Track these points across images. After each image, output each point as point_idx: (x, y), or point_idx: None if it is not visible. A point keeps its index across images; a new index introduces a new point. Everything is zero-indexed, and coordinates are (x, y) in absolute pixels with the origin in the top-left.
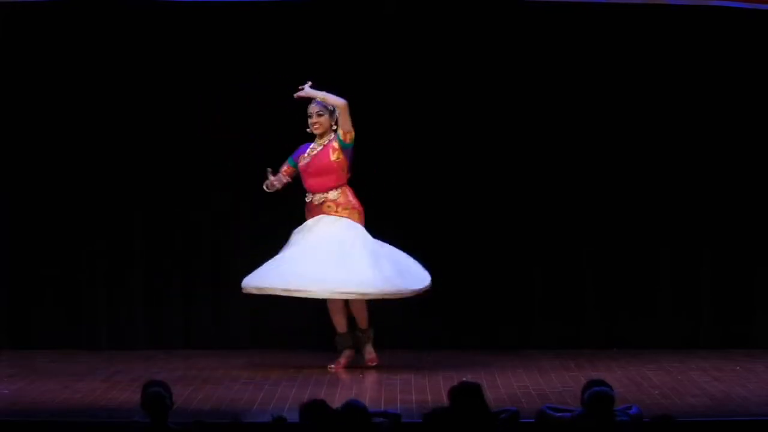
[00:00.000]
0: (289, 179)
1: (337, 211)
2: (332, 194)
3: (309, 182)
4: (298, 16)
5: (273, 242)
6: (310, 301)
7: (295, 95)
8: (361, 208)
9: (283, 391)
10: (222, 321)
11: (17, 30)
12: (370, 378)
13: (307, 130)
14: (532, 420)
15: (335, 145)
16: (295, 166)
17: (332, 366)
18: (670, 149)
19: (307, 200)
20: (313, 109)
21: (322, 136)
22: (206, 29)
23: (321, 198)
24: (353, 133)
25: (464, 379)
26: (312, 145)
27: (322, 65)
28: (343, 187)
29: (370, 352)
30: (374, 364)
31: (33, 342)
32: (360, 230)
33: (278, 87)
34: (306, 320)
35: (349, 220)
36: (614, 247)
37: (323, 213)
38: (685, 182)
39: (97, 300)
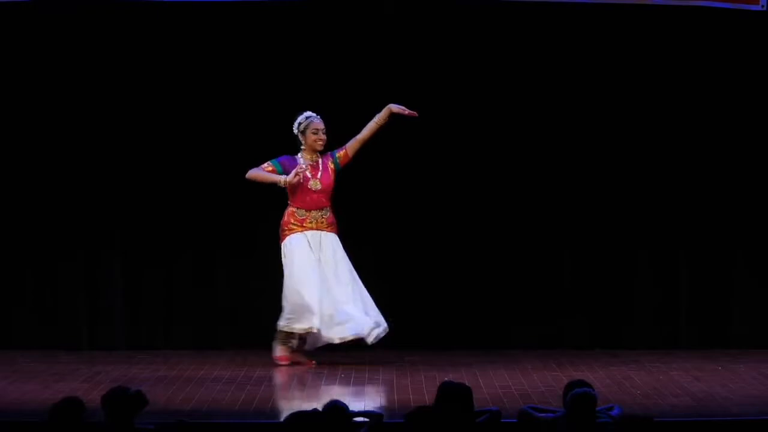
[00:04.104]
0: None
1: (326, 227)
2: (325, 211)
3: (310, 198)
4: (297, 16)
5: (253, 243)
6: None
7: (408, 113)
8: (336, 222)
9: (265, 391)
10: (203, 321)
11: (13, 30)
12: (352, 378)
13: (306, 145)
14: (514, 420)
15: (332, 166)
16: (281, 172)
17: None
18: (648, 152)
19: (300, 216)
20: (320, 125)
21: (317, 153)
22: (205, 30)
23: (318, 215)
24: None
25: (446, 378)
26: (301, 162)
27: (321, 65)
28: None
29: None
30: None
31: (13, 342)
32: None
33: (277, 87)
34: None
35: (335, 236)
36: (595, 248)
37: (316, 229)
38: (663, 185)
39: (77, 300)
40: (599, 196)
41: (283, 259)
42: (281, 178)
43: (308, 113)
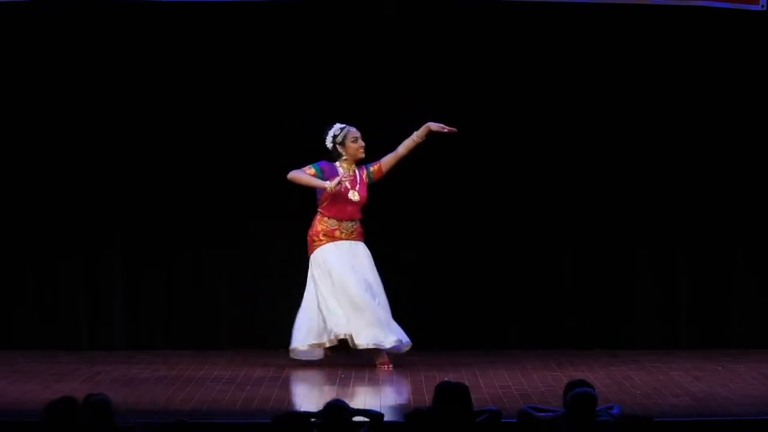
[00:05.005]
0: None
1: (356, 237)
2: (356, 222)
3: (346, 209)
4: (297, 16)
5: (253, 243)
6: (295, 302)
7: (447, 130)
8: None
9: (266, 391)
10: (203, 321)
11: (13, 30)
12: (353, 378)
13: (347, 155)
14: (514, 420)
15: (366, 179)
16: (321, 177)
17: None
18: (647, 152)
19: (331, 226)
20: (357, 133)
21: (356, 163)
22: (205, 30)
23: (350, 225)
24: None
25: (446, 378)
26: (341, 171)
27: (320, 65)
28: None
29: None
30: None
31: (13, 342)
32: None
33: (276, 87)
34: (288, 320)
35: (364, 245)
36: (595, 248)
37: (345, 239)
38: (663, 185)
39: (77, 300)
40: (599, 196)
41: (314, 271)
42: (326, 184)
43: (340, 124)
